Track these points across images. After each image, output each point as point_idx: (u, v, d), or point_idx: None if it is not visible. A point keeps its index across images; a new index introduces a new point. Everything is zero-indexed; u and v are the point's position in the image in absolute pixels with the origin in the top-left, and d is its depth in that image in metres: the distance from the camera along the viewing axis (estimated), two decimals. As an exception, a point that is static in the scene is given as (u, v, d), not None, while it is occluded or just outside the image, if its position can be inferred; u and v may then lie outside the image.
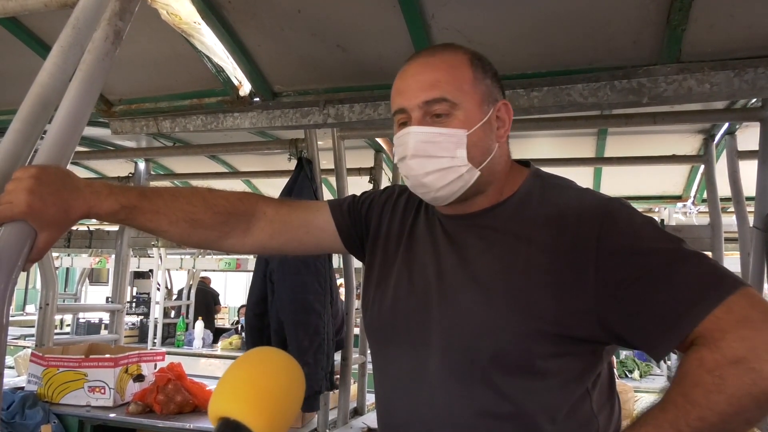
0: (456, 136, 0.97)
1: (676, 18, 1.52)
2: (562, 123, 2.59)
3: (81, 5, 1.19)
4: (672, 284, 0.84)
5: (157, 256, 7.34)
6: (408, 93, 1.00)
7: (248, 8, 1.68)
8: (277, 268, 2.48)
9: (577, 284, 0.90)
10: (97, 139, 3.56)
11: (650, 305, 0.85)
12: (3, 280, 0.87)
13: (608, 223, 0.92)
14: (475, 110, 0.99)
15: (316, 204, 1.25)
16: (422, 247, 1.09)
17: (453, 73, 1.00)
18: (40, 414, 2.74)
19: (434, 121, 0.98)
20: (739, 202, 2.67)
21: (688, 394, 0.79)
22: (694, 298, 0.82)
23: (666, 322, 0.83)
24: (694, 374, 0.80)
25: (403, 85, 1.02)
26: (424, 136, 0.98)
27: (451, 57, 1.02)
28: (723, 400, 0.76)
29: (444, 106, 0.98)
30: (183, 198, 1.11)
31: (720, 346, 0.78)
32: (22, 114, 1.06)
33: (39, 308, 3.29)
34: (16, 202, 0.89)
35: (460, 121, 0.98)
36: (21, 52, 1.97)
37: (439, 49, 1.05)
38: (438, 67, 1.00)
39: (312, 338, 2.46)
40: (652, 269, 0.86)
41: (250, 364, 0.81)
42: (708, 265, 0.86)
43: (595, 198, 1.00)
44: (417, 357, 1.01)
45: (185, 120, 2.28)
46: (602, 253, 0.89)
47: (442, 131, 0.97)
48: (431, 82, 0.99)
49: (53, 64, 1.11)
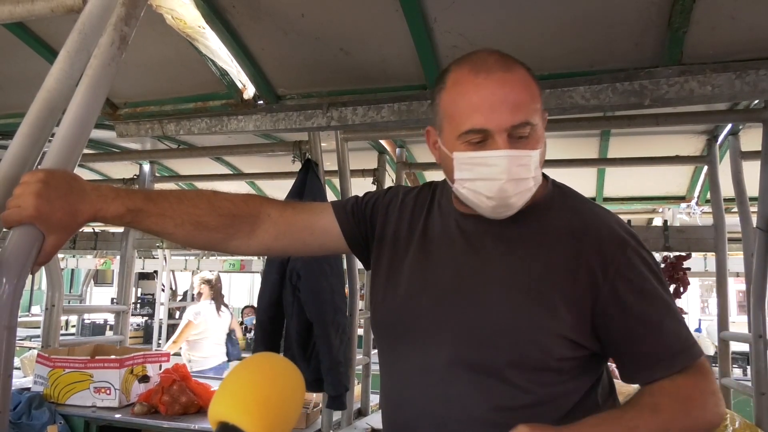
0: (536, 156, 1.00)
1: (678, 20, 1.53)
2: (564, 124, 2.59)
3: (87, 11, 1.20)
4: (659, 336, 1.00)
5: (161, 257, 7.37)
6: (491, 114, 0.97)
7: (252, 12, 1.70)
8: (304, 270, 2.49)
9: (587, 300, 0.99)
10: (101, 141, 3.58)
11: (637, 346, 1.01)
12: (11, 283, 0.88)
13: (625, 260, 1.01)
14: (542, 128, 1.03)
15: (320, 206, 1.26)
16: (437, 246, 1.11)
17: (530, 93, 1.00)
18: (46, 415, 2.76)
19: (519, 142, 0.98)
20: (742, 202, 2.66)
21: (656, 408, 0.96)
22: (673, 355, 0.99)
23: (645, 366, 1.01)
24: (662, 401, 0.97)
25: (482, 104, 0.97)
26: (519, 159, 0.97)
27: (521, 73, 1.01)
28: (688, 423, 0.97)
29: (527, 129, 0.98)
30: (188, 200, 1.13)
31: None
32: (30, 119, 1.07)
33: (45, 309, 3.30)
34: (24, 205, 0.90)
35: (535, 141, 1.00)
36: (28, 57, 1.99)
37: (508, 64, 1.01)
38: (517, 87, 0.98)
39: (341, 337, 2.55)
40: (648, 315, 1.00)
41: (250, 369, 0.82)
42: (687, 329, 1.03)
43: (618, 226, 1.06)
44: (428, 352, 1.03)
45: (190, 123, 2.29)
46: (613, 284, 0.99)
47: (530, 153, 0.98)
48: (515, 104, 0.97)
49: (60, 69, 1.13)
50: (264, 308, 2.59)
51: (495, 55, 1.02)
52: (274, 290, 2.56)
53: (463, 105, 0.99)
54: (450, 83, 1.03)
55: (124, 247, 3.95)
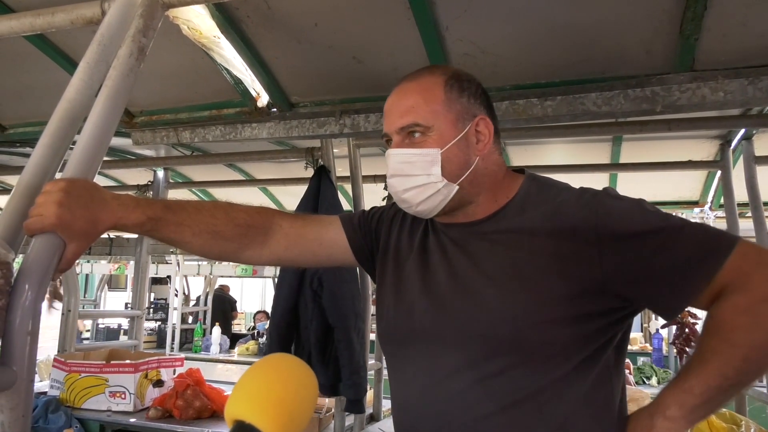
0: (429, 155, 1.05)
1: (689, 27, 1.53)
2: (576, 130, 2.59)
3: (106, 22, 1.23)
4: (676, 252, 0.93)
5: (174, 262, 7.43)
6: (388, 119, 1.10)
7: (266, 22, 1.72)
8: (330, 277, 2.52)
9: (583, 267, 0.97)
10: (117, 148, 3.63)
11: (660, 275, 0.94)
12: (34, 290, 0.90)
13: (603, 212, 0.98)
14: (448, 129, 1.06)
15: (329, 218, 1.30)
16: (434, 256, 1.13)
17: (426, 96, 1.07)
18: (62, 418, 2.79)
19: (411, 142, 1.07)
20: (756, 207, 2.64)
21: (729, 339, 0.89)
22: (700, 258, 0.92)
23: (677, 285, 0.93)
24: (730, 319, 0.89)
25: (386, 111, 1.11)
26: (401, 157, 1.07)
27: (426, 80, 1.09)
28: (762, 336, 0.87)
29: (417, 130, 1.06)
30: (206, 210, 1.16)
31: (748, 288, 0.88)
32: (51, 129, 1.10)
33: (61, 314, 3.35)
34: (47, 214, 0.93)
35: (435, 141, 1.05)
36: (49, 67, 2.02)
37: (418, 74, 1.11)
38: (412, 93, 1.08)
39: (362, 343, 2.58)
40: (655, 245, 0.94)
41: (267, 369, 0.84)
42: (703, 229, 0.96)
43: (585, 191, 1.06)
44: (433, 354, 1.04)
45: (204, 130, 2.33)
46: (603, 240, 0.96)
47: (415, 152, 1.06)
48: (406, 109, 1.07)
49: (80, 80, 1.16)
50: (281, 314, 2.60)
51: (420, 69, 1.13)
52: (291, 296, 2.58)
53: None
54: None
55: (139, 252, 4.00)
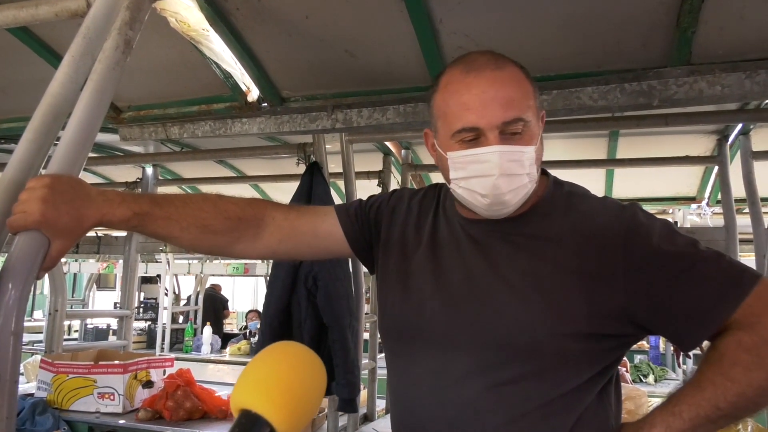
0: (529, 153, 0.99)
1: (686, 21, 1.51)
2: (572, 125, 2.58)
3: (91, 15, 1.19)
4: (700, 281, 0.92)
5: (164, 261, 7.37)
6: (482, 111, 0.97)
7: (256, 15, 1.69)
8: (321, 275, 2.51)
9: (606, 286, 0.96)
10: (104, 144, 3.58)
11: (682, 302, 0.93)
12: (17, 289, 0.89)
13: (632, 228, 0.98)
14: (536, 125, 1.02)
15: (324, 209, 1.26)
16: (447, 251, 1.10)
17: (521, 90, 0.99)
18: (50, 420, 2.74)
19: (512, 138, 0.98)
20: (753, 203, 2.65)
21: (727, 373, 0.89)
22: (723, 292, 0.91)
23: (698, 316, 0.93)
24: (732, 354, 0.89)
25: (473, 102, 0.97)
26: (511, 155, 0.97)
27: (511, 70, 1.00)
28: (761, 376, 0.87)
29: (519, 126, 0.98)
30: (194, 204, 1.13)
31: (756, 329, 0.88)
32: (35, 123, 1.06)
33: (48, 314, 3.30)
34: (30, 211, 0.90)
35: (529, 137, 0.99)
36: (32, 61, 1.98)
37: (501, 62, 1.01)
38: (507, 84, 0.98)
39: (356, 341, 2.59)
40: (680, 269, 0.93)
41: (274, 357, 0.81)
42: (728, 262, 0.94)
43: (615, 204, 1.04)
44: (444, 357, 1.02)
45: (194, 126, 2.29)
46: (629, 257, 0.95)
47: (523, 149, 0.98)
48: (506, 101, 0.97)
49: (64, 74, 1.12)
50: (274, 313, 2.58)
51: (487, 54, 1.02)
52: (284, 294, 2.56)
53: (455, 104, 1.00)
54: (442, 84, 1.04)
55: (128, 251, 3.94)
